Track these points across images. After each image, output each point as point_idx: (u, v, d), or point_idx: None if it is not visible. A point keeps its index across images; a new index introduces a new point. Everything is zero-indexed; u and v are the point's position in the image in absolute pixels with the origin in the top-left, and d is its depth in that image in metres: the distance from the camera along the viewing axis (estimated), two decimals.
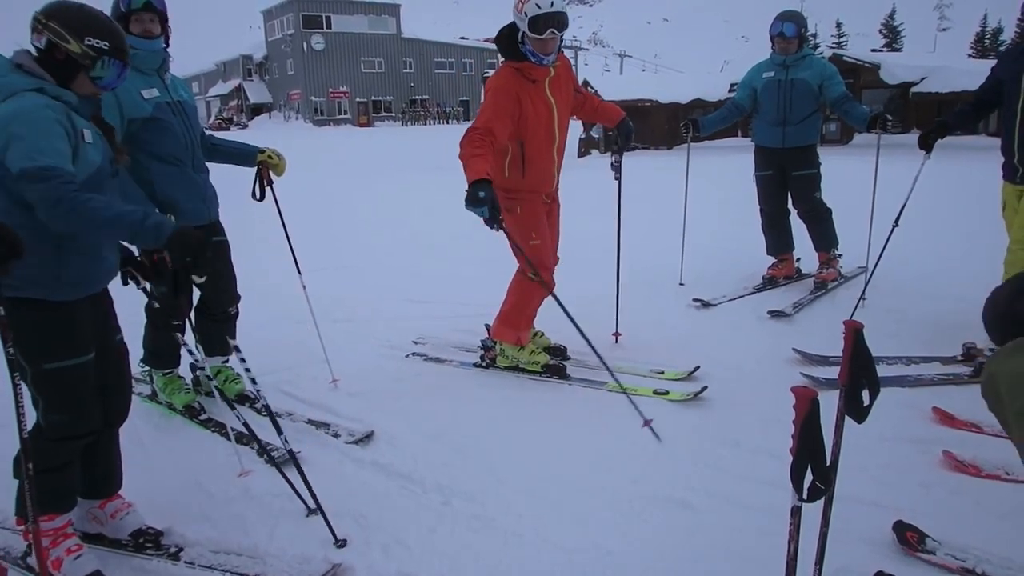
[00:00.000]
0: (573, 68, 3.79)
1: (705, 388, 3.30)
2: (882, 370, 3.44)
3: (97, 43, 1.96)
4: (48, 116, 1.87)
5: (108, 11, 2.84)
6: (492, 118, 3.17)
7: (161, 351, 3.31)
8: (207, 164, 3.23)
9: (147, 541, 2.31)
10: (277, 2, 50.97)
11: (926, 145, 3.94)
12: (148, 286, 2.28)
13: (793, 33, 4.76)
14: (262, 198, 3.31)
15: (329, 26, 49.45)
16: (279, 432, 2.66)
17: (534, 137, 3.36)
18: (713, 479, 2.58)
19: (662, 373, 3.54)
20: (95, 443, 2.28)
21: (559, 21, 3.13)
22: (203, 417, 3.24)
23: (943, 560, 2.07)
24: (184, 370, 3.47)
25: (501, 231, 3.08)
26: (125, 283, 2.31)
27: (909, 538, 2.14)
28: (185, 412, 3.27)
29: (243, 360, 2.94)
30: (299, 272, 3.57)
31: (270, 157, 3.29)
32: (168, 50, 3.02)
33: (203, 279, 2.02)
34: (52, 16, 1.95)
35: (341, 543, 2.30)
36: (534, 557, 2.21)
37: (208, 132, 3.35)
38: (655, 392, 3.31)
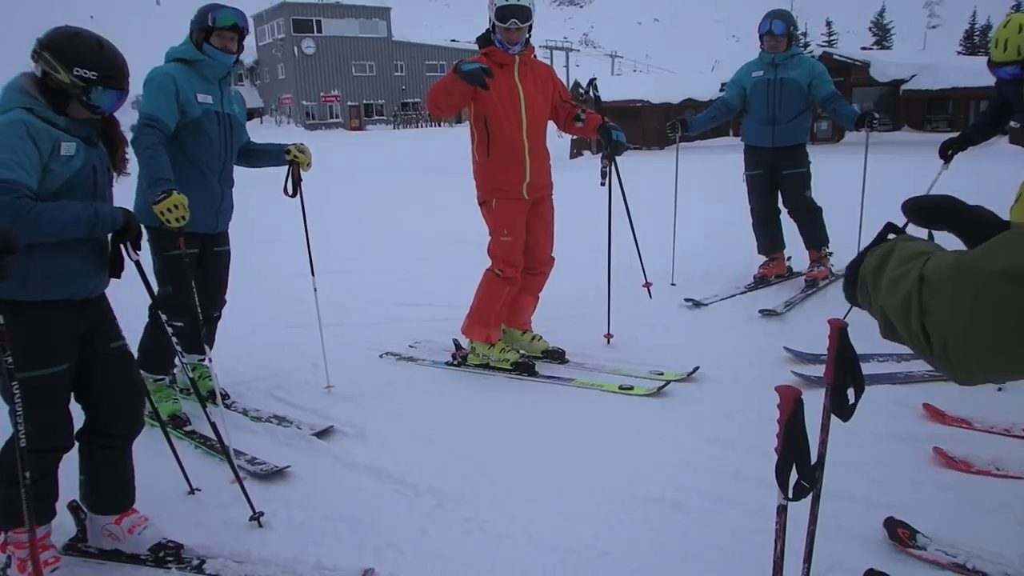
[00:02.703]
0: (557, 74, 3.88)
1: (668, 383, 3.40)
2: (873, 367, 3.46)
3: (85, 73, 2.02)
4: (17, 132, 1.94)
5: (195, 16, 3.05)
6: None
7: (157, 355, 3.27)
8: (247, 168, 3.39)
9: (167, 555, 2.26)
10: (267, 6, 50.81)
11: (945, 156, 3.96)
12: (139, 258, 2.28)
13: (782, 31, 4.78)
14: (294, 194, 3.40)
15: (320, 30, 49.31)
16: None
17: (498, 114, 3.54)
18: (705, 479, 2.59)
19: (661, 374, 3.56)
20: (104, 456, 2.26)
21: (522, 14, 3.50)
22: (188, 428, 3.19)
23: (934, 556, 2.08)
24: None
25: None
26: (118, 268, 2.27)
27: (900, 534, 2.15)
28: (170, 422, 3.21)
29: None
30: (312, 274, 3.58)
31: (297, 154, 3.36)
32: (236, 63, 3.17)
33: (138, 257, 2.25)
34: (47, 46, 2.04)
35: (258, 515, 2.41)
36: (527, 559, 2.20)
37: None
38: (620, 388, 3.42)
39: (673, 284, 5.10)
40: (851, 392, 1.27)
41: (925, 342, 0.78)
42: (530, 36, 3.63)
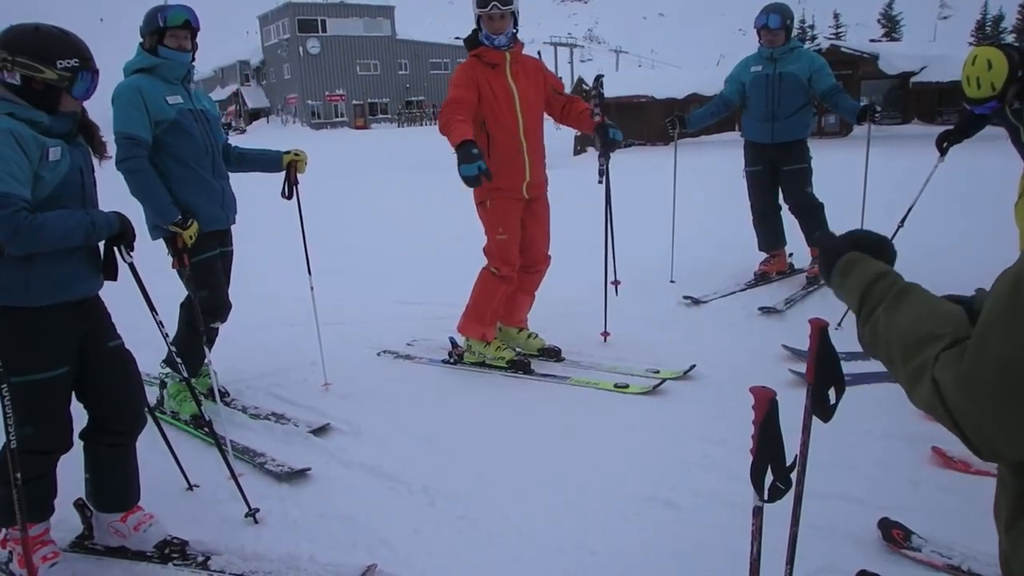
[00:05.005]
0: (549, 68, 3.87)
1: (664, 381, 3.38)
2: (872, 365, 3.42)
3: (69, 63, 2.01)
4: (7, 142, 1.93)
5: (143, 22, 3.05)
6: (458, 88, 3.46)
7: (192, 356, 3.21)
8: (233, 173, 3.39)
9: (172, 551, 2.28)
10: (273, 7, 50.96)
11: (941, 149, 3.92)
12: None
13: (778, 24, 4.73)
14: (290, 196, 3.45)
15: (324, 30, 49.40)
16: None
17: (496, 117, 3.51)
18: (699, 478, 2.57)
19: (657, 372, 3.54)
20: (108, 455, 2.28)
21: None
22: (207, 430, 3.20)
23: (928, 557, 2.06)
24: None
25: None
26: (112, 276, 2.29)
27: (895, 535, 2.13)
28: (191, 422, 3.23)
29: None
30: (309, 273, 3.60)
31: (296, 155, 3.45)
32: (193, 63, 3.15)
33: (131, 260, 2.28)
34: (16, 49, 1.97)
35: (254, 512, 2.45)
36: (519, 557, 2.20)
37: (233, 144, 3.46)
38: (616, 386, 3.41)
39: (672, 281, 5.06)
40: (832, 393, 1.26)
41: (964, 438, 0.88)
42: (517, 30, 3.56)
